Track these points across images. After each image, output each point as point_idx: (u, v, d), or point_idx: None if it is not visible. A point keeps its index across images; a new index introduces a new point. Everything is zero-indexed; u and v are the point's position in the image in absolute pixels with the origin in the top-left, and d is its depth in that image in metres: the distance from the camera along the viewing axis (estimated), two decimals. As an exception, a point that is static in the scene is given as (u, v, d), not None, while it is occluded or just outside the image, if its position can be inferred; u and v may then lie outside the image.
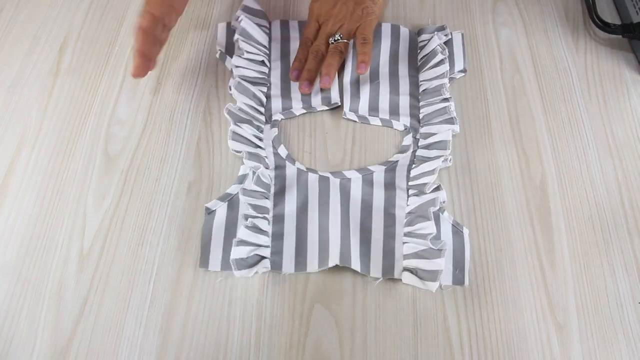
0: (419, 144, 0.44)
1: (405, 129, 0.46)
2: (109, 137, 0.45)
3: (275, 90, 0.47)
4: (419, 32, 0.51)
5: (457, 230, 0.40)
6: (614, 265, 0.40)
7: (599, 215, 0.42)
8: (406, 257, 0.38)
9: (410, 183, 0.42)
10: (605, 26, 0.52)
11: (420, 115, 0.46)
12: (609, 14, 0.55)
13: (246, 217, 0.39)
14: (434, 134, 0.44)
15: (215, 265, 0.38)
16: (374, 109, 0.47)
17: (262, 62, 0.48)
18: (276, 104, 0.47)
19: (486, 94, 0.49)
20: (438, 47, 0.47)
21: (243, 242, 0.37)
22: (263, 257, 0.38)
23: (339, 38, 0.48)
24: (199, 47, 0.51)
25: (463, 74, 0.49)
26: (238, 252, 0.36)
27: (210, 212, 0.40)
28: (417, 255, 0.38)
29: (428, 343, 0.36)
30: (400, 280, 0.38)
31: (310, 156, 0.44)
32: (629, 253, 0.40)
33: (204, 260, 0.38)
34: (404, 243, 0.39)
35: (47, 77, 0.48)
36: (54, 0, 0.54)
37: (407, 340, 0.36)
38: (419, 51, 0.50)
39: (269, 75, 0.48)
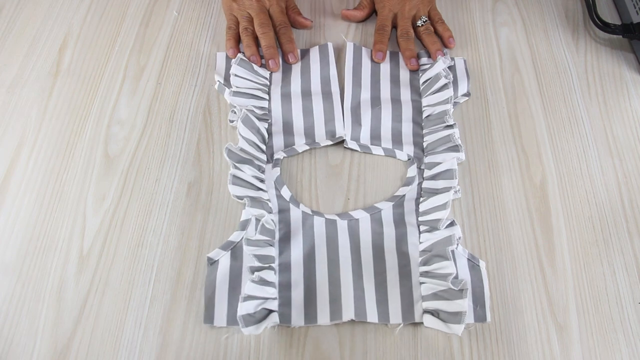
0: (424, 175, 0.43)
1: (409, 159, 0.44)
2: (108, 138, 0.45)
3: (277, 126, 0.46)
4: (419, 56, 0.51)
5: (473, 265, 0.38)
6: (614, 265, 0.39)
7: (599, 215, 0.42)
8: (425, 298, 0.36)
9: (420, 218, 0.40)
10: (605, 26, 0.52)
11: (424, 144, 0.45)
12: (609, 14, 0.55)
13: (252, 270, 0.37)
14: (439, 163, 0.42)
15: (220, 321, 0.36)
16: (376, 137, 0.45)
17: (262, 97, 0.47)
18: (278, 140, 0.45)
19: (486, 94, 0.49)
20: (442, 71, 0.46)
21: (250, 297, 0.35)
22: (271, 311, 0.36)
23: (426, 20, 0.52)
24: (199, 47, 0.51)
25: (467, 98, 0.48)
26: (245, 308, 0.34)
27: (212, 263, 0.38)
28: (436, 296, 0.36)
29: (428, 343, 0.36)
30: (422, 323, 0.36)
31: (310, 156, 0.44)
32: (629, 253, 0.40)
33: (209, 316, 0.36)
34: (421, 284, 0.37)
35: (47, 77, 0.48)
36: (54, 0, 0.54)
37: (407, 340, 0.36)
38: (420, 74, 0.49)
39: (269, 108, 0.46)
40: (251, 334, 0.35)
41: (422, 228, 0.40)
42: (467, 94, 0.48)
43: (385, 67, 0.50)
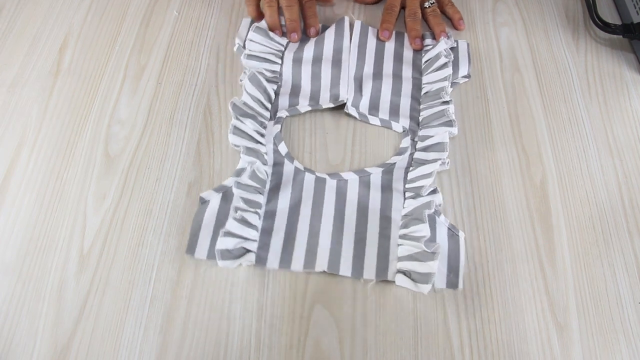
0: (417, 147, 0.44)
1: (404, 131, 0.46)
2: (109, 137, 0.45)
3: (285, 88, 0.48)
4: (423, 37, 0.52)
5: (452, 234, 0.40)
6: (614, 265, 0.39)
7: (599, 215, 0.42)
8: (400, 259, 0.38)
9: (407, 186, 0.42)
10: (605, 26, 0.52)
11: (420, 118, 0.46)
12: (609, 14, 0.55)
13: (236, 209, 0.38)
14: (432, 136, 0.44)
15: (201, 253, 0.38)
16: (374, 107, 0.47)
17: (274, 62, 0.49)
18: (283, 101, 0.47)
19: (486, 94, 0.49)
20: (443, 50, 0.48)
21: (230, 234, 0.37)
22: (249, 251, 0.38)
23: (434, 2, 0.53)
24: (199, 47, 0.51)
25: (467, 80, 0.49)
26: (224, 243, 0.37)
27: (204, 202, 0.40)
28: (411, 257, 0.37)
29: (428, 343, 0.36)
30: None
31: (310, 156, 0.44)
32: (629, 253, 0.40)
33: (191, 247, 0.38)
34: (398, 245, 0.39)
35: (47, 77, 0.48)
36: (54, 0, 0.54)
37: (407, 340, 0.36)
38: (423, 54, 0.50)
39: (280, 72, 0.48)
40: (226, 267, 0.37)
41: (407, 195, 0.41)
42: (467, 76, 0.49)
43: (390, 46, 0.51)
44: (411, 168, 0.43)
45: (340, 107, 0.47)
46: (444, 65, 0.47)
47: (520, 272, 0.39)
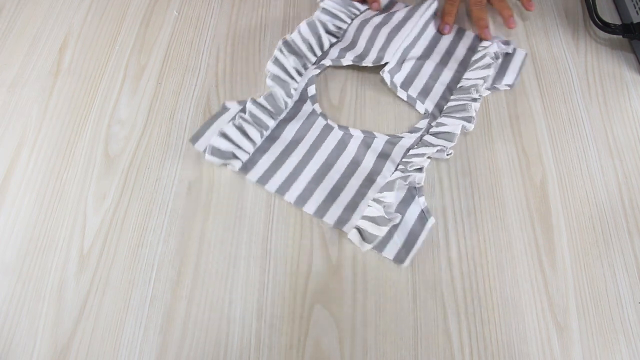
0: (429, 131, 0.45)
1: (425, 113, 0.46)
2: (109, 137, 0.45)
3: (344, 43, 0.50)
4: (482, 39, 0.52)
5: (423, 216, 0.40)
6: (614, 266, 0.39)
7: (599, 216, 0.42)
8: (363, 218, 0.39)
9: (403, 159, 0.43)
10: (605, 26, 0.52)
11: (445, 107, 0.47)
12: (609, 14, 0.55)
13: (238, 116, 0.42)
14: (447, 125, 0.45)
15: (201, 146, 0.43)
16: (407, 83, 0.47)
17: (343, 20, 0.51)
18: (334, 52, 0.49)
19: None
20: (492, 52, 0.48)
21: (225, 136, 0.41)
22: (238, 158, 0.41)
23: None
24: (199, 46, 0.51)
25: (508, 88, 0.49)
26: (217, 142, 0.41)
27: (224, 108, 0.45)
28: (372, 219, 0.39)
29: (428, 343, 0.36)
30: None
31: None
32: (629, 253, 0.40)
33: (196, 138, 0.43)
34: (368, 206, 0.40)
35: (47, 77, 0.48)
36: (54, 0, 0.54)
37: (407, 340, 0.36)
38: (475, 53, 0.51)
39: (346, 30, 0.51)
40: (211, 162, 0.42)
41: (399, 167, 0.42)
42: (511, 85, 0.49)
43: (446, 40, 0.52)
44: (415, 147, 0.44)
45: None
46: (487, 66, 0.48)
47: (520, 272, 0.39)
